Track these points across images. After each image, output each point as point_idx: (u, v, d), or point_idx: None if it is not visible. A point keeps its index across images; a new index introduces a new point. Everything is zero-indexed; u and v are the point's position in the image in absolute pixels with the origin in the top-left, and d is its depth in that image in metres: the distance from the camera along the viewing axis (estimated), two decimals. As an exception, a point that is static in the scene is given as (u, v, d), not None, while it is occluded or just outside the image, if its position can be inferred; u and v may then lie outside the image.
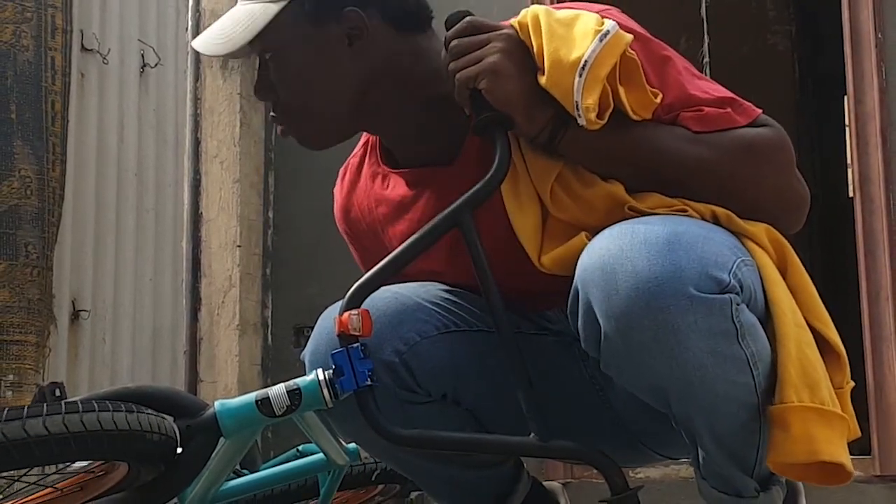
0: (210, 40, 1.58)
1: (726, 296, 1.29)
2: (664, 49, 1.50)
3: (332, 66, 1.57)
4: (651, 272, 1.28)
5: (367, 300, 1.41)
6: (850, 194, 3.87)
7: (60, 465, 1.46)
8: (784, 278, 1.41)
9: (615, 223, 1.38)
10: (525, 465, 1.75)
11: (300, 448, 2.11)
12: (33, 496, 1.57)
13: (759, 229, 1.43)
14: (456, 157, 1.58)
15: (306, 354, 1.54)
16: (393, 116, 1.61)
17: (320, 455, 1.98)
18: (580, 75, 1.37)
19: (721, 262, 1.31)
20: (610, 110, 1.41)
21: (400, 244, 1.45)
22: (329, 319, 1.47)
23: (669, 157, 1.44)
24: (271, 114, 1.64)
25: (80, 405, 1.27)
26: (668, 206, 1.42)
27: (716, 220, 1.42)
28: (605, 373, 1.60)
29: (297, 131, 1.62)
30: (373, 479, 2.22)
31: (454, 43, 1.46)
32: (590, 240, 1.39)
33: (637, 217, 1.40)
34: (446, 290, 1.61)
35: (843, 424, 1.34)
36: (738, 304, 1.30)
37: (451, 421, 1.57)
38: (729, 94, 1.49)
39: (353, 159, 1.75)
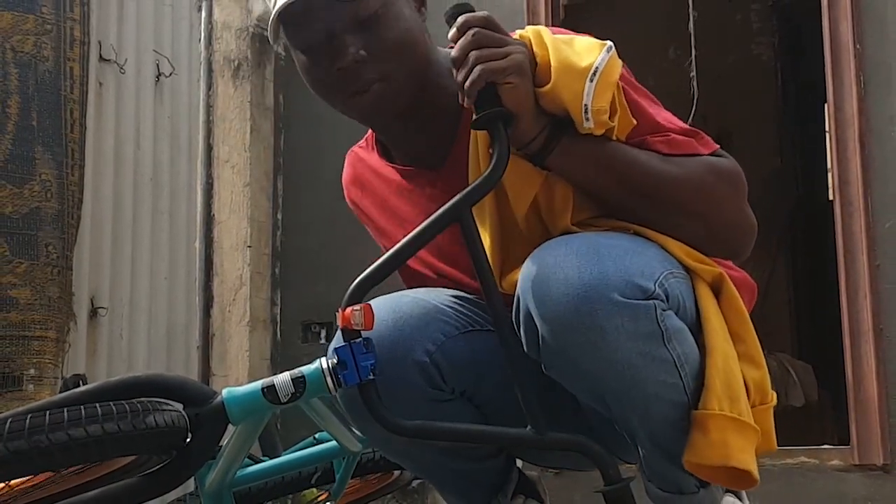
0: None
1: (651, 302, 1.33)
2: (629, 74, 1.51)
3: (417, 24, 1.55)
4: (580, 279, 1.32)
5: (392, 305, 1.41)
6: (831, 197, 3.87)
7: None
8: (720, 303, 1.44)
9: None
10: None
11: (316, 436, 2.09)
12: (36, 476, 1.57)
13: (702, 265, 1.45)
14: (443, 164, 1.59)
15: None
16: (410, 106, 1.55)
17: (334, 442, 1.96)
18: (591, 80, 1.38)
19: (647, 273, 1.35)
20: (617, 115, 1.42)
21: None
22: None
23: (647, 170, 1.45)
24: (354, 84, 1.51)
25: (98, 410, 1.27)
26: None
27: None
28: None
29: (382, 89, 1.51)
30: (388, 465, 2.20)
31: (477, 31, 1.39)
32: None
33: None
34: (452, 295, 1.61)
35: (755, 435, 1.39)
36: (663, 310, 1.34)
37: (466, 416, 1.57)
38: (689, 127, 1.52)
39: (357, 148, 1.77)
